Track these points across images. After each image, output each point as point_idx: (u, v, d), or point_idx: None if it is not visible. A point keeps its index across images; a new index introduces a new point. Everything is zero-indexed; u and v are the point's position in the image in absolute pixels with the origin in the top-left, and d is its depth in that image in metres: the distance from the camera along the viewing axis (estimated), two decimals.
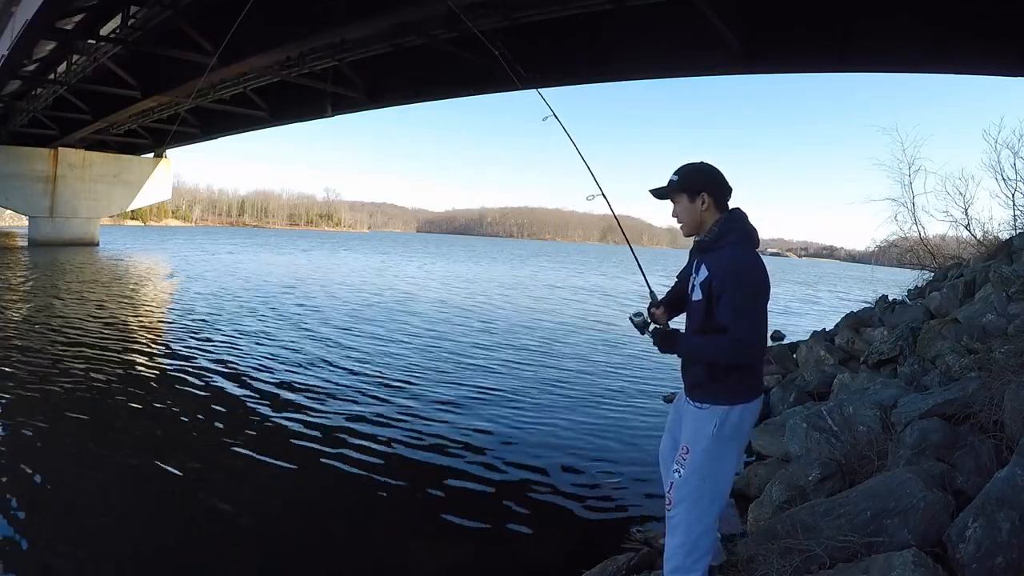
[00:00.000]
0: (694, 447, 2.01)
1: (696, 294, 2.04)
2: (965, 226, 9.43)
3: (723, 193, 2.05)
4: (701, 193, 2.02)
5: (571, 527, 3.43)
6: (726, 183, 2.07)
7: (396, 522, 3.38)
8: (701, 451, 2.00)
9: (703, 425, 2.01)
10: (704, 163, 2.09)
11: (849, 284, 34.01)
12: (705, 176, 2.05)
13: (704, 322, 2.00)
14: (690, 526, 2.01)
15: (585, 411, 5.59)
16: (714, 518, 2.06)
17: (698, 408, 2.04)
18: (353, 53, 11.66)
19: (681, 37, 8.57)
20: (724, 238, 1.99)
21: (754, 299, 1.93)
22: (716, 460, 2.00)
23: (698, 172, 2.06)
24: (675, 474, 2.04)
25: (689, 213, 2.05)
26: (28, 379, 5.59)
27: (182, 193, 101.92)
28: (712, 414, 1.99)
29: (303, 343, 8.14)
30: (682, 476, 2.02)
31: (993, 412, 2.78)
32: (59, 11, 10.07)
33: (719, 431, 1.98)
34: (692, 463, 2.00)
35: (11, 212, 38.05)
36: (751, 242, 2.03)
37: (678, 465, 2.04)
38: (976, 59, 6.76)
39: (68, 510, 3.25)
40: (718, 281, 1.94)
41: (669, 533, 2.08)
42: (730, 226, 2.01)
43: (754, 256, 2.00)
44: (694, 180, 2.04)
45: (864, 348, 5.38)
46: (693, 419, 2.05)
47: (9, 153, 24.35)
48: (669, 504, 2.05)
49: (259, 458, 4.11)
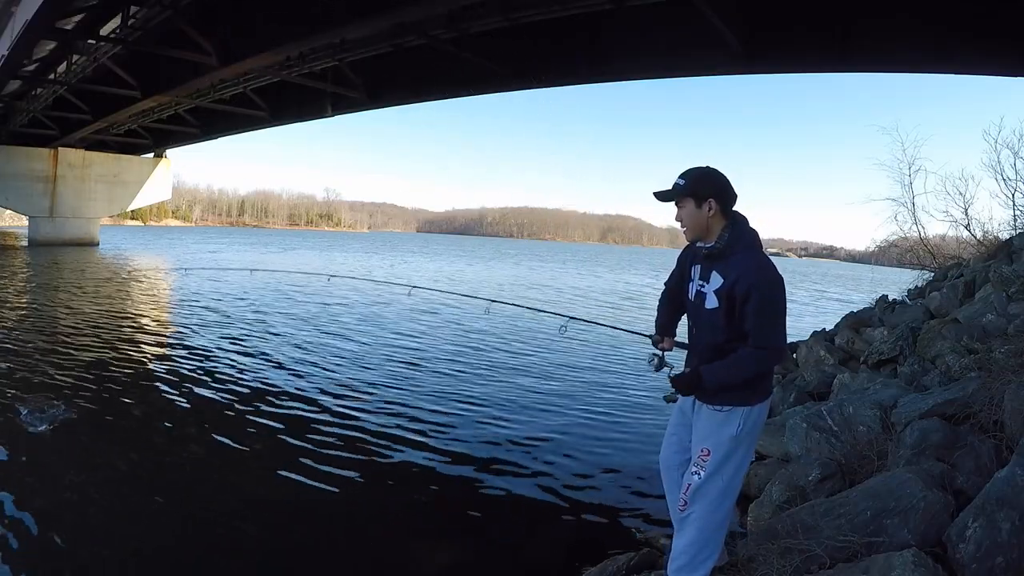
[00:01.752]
0: (716, 449, 2.00)
1: (710, 302, 2.02)
2: (965, 226, 9.43)
3: (730, 200, 2.03)
4: (708, 199, 2.00)
5: (571, 527, 3.43)
6: (732, 190, 2.04)
7: (396, 522, 3.38)
8: (723, 453, 2.00)
9: (725, 427, 2.00)
10: (711, 168, 2.06)
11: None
12: (713, 182, 2.02)
13: (727, 329, 1.98)
14: (705, 524, 2.01)
15: (584, 411, 5.59)
16: (727, 515, 2.07)
17: (718, 411, 2.03)
18: (353, 53, 11.66)
19: (681, 37, 8.57)
20: (735, 245, 1.98)
21: (782, 304, 1.95)
22: (736, 459, 2.02)
23: (706, 177, 2.03)
24: (694, 476, 2.02)
25: (695, 219, 2.03)
26: (29, 378, 5.59)
27: (182, 193, 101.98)
28: (735, 416, 1.99)
29: (304, 343, 8.15)
30: (702, 478, 2.01)
31: (993, 412, 2.78)
32: (59, 11, 10.07)
33: (740, 431, 1.99)
34: (713, 464, 2.00)
35: (11, 212, 38.05)
36: (761, 247, 2.04)
37: (697, 467, 2.02)
38: (976, 59, 6.76)
39: (68, 510, 3.25)
40: (742, 288, 1.91)
41: (679, 532, 2.07)
42: (740, 232, 2.00)
43: (772, 263, 2.00)
44: (702, 185, 2.02)
45: (864, 348, 5.37)
46: (713, 422, 2.03)
47: (9, 153, 24.36)
48: (684, 505, 2.05)
49: (259, 458, 4.12)
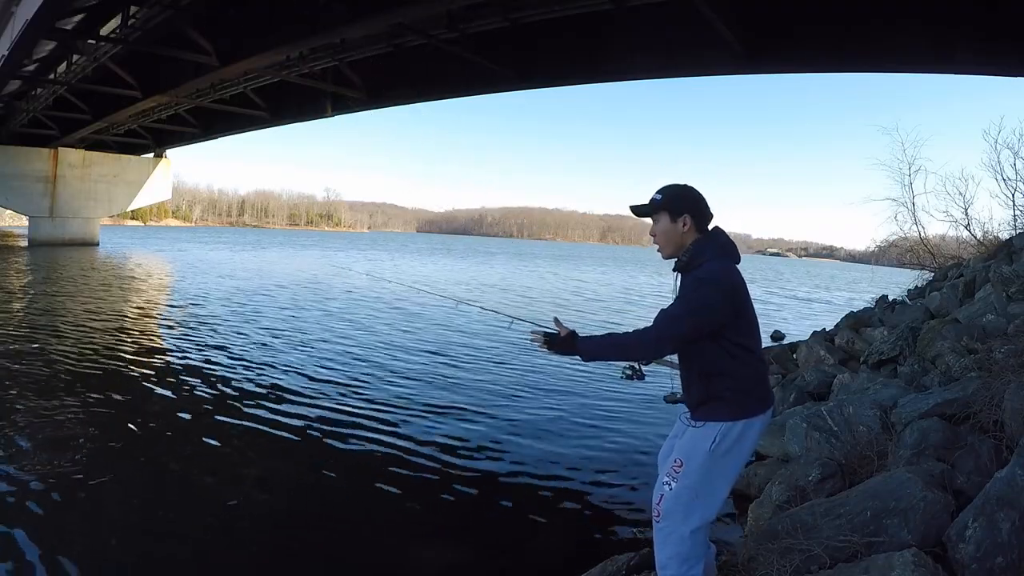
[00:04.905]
0: (688, 462, 1.96)
1: None
2: (965, 226, 9.45)
3: (704, 217, 2.04)
4: (684, 215, 2.01)
5: (571, 527, 3.43)
6: (708, 208, 2.06)
7: (396, 522, 3.37)
8: (696, 467, 1.95)
9: (699, 442, 1.96)
10: (688, 186, 2.08)
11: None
12: (689, 199, 2.04)
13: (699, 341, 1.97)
14: (681, 539, 1.96)
15: (584, 411, 5.59)
16: (704, 529, 2.01)
17: (694, 426, 2.00)
18: (353, 53, 11.67)
19: (681, 37, 8.58)
20: (699, 256, 1.98)
21: (697, 301, 1.90)
22: (710, 476, 1.95)
23: (682, 193, 2.06)
24: (665, 487, 1.99)
25: (668, 233, 2.04)
26: (27, 378, 5.59)
27: (182, 193, 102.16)
28: (710, 431, 1.95)
29: (304, 342, 8.15)
30: (673, 490, 1.96)
31: (993, 412, 2.77)
32: (59, 11, 10.06)
33: (716, 447, 1.93)
34: (685, 478, 1.96)
35: (11, 212, 38.06)
36: (726, 255, 2.01)
37: (669, 478, 1.99)
38: (976, 59, 6.76)
39: (67, 509, 3.25)
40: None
41: (659, 545, 2.03)
42: (705, 245, 2.00)
43: (720, 268, 1.95)
44: (678, 201, 2.03)
45: (864, 348, 5.38)
46: (690, 435, 2.01)
47: (9, 153, 24.36)
48: (657, 516, 2.00)
49: (258, 458, 4.12)
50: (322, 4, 9.00)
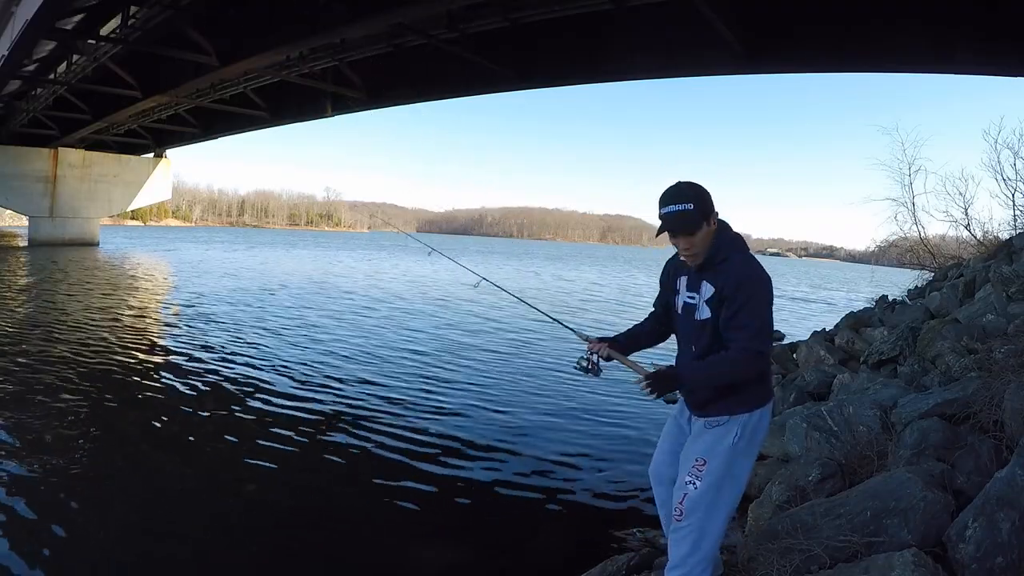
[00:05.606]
0: (712, 459, 1.95)
1: (702, 313, 1.97)
2: (965, 226, 9.44)
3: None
4: (711, 214, 1.94)
5: (571, 527, 3.43)
6: None
7: (396, 522, 3.37)
8: (720, 463, 1.94)
9: (721, 438, 1.95)
10: (694, 182, 1.99)
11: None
12: (707, 195, 1.95)
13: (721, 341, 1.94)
14: (703, 536, 1.95)
15: (584, 411, 5.59)
16: (725, 525, 2.02)
17: (713, 425, 1.98)
18: (353, 53, 11.67)
19: (681, 37, 8.58)
20: (722, 251, 1.94)
21: (767, 304, 1.89)
22: (734, 470, 1.96)
23: (702, 193, 1.95)
24: (690, 486, 1.96)
25: (706, 239, 1.94)
26: (28, 377, 5.59)
27: (182, 193, 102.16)
28: (732, 426, 1.94)
29: (304, 342, 8.15)
30: (698, 489, 1.94)
31: (993, 412, 2.77)
32: (59, 11, 10.06)
33: (738, 441, 1.94)
34: (710, 475, 1.94)
35: (11, 212, 38.05)
36: (747, 249, 2.00)
37: (693, 477, 1.96)
38: (976, 59, 6.76)
39: (67, 509, 3.25)
40: (730, 289, 1.88)
41: (675, 544, 2.00)
42: (727, 238, 1.97)
43: (755, 263, 1.94)
44: (706, 203, 1.93)
45: (864, 348, 5.37)
46: (709, 433, 1.98)
47: (9, 153, 24.36)
48: (680, 515, 1.97)
49: (259, 458, 4.11)
50: (322, 4, 9.00)
